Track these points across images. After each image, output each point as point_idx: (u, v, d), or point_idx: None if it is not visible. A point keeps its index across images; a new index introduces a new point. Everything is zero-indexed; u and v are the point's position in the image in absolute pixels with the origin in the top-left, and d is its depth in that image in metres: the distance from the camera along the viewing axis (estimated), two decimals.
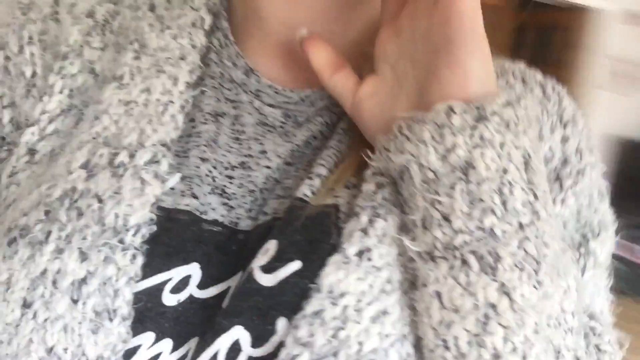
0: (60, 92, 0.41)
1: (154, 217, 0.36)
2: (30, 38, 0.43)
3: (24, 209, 0.36)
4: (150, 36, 0.43)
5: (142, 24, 0.44)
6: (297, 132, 0.43)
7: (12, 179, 0.39)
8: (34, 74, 0.42)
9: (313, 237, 0.36)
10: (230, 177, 0.41)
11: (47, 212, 0.35)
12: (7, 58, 0.43)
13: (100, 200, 0.36)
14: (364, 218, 0.35)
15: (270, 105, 0.43)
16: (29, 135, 0.40)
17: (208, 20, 0.45)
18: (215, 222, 0.39)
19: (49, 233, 0.34)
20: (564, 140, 0.44)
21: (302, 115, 0.44)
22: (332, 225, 0.37)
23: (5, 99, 0.42)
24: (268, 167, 0.41)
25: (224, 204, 0.40)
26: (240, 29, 0.46)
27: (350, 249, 0.34)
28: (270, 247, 0.36)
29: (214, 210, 0.39)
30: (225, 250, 0.38)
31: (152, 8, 0.46)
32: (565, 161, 0.44)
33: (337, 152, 0.41)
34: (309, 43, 0.40)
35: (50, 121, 0.40)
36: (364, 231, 0.35)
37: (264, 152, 0.42)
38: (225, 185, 0.41)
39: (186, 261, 0.37)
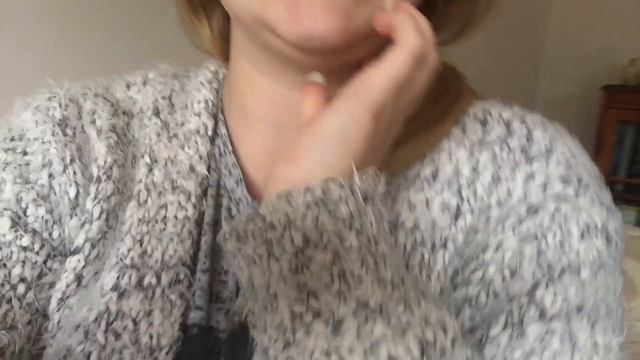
0: (99, 218, 0.42)
1: (181, 335, 0.39)
2: (72, 158, 0.44)
3: (69, 331, 0.39)
4: (159, 147, 0.45)
5: (150, 132, 0.46)
6: None
7: (64, 304, 0.41)
8: (77, 195, 0.43)
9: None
10: (224, 282, 0.43)
11: (85, 334, 0.38)
12: (51, 176, 0.44)
13: (134, 322, 0.38)
14: None
15: None
16: (76, 262, 0.41)
17: (210, 126, 0.47)
18: (217, 330, 0.41)
19: (89, 354, 0.37)
20: (529, 177, 0.41)
21: None
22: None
23: (54, 215, 0.43)
24: (235, 274, 0.43)
25: (219, 309, 0.42)
26: (233, 129, 0.48)
27: None
28: None
29: (212, 317, 0.42)
30: (230, 355, 0.40)
31: (156, 113, 0.48)
32: (522, 199, 0.41)
33: None
34: (311, 88, 0.40)
35: (93, 247, 0.41)
36: None
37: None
38: (219, 291, 0.43)
39: None
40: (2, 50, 1.08)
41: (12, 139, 0.45)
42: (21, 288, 0.40)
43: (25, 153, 0.45)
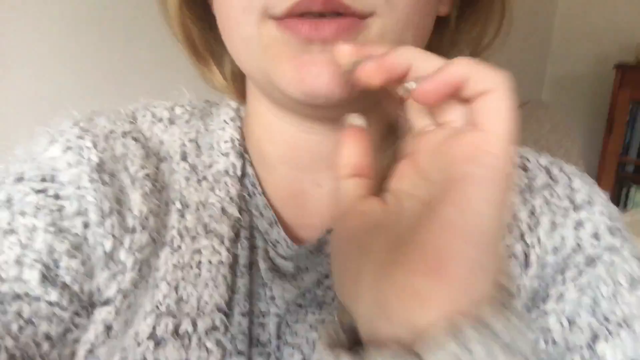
0: (133, 269, 0.40)
1: None
2: (110, 209, 0.41)
3: None
4: (189, 191, 0.44)
5: (180, 178, 0.45)
6: (305, 276, 0.44)
7: (92, 355, 0.39)
8: (113, 249, 0.41)
9: None
10: (263, 325, 0.42)
11: None
12: (86, 226, 0.41)
13: None
14: None
15: (283, 257, 0.44)
16: (106, 314, 0.39)
17: (239, 166, 0.46)
18: None
19: None
20: (579, 225, 0.42)
21: (311, 263, 0.44)
22: None
23: (86, 267, 0.41)
24: (277, 315, 0.42)
25: (261, 353, 0.41)
26: (256, 169, 0.47)
27: None
28: None
29: None
30: None
31: (184, 157, 0.46)
32: (576, 248, 0.42)
33: None
34: (351, 132, 0.36)
35: (125, 298, 0.40)
36: None
37: (272, 297, 0.43)
38: (259, 334, 0.42)
39: None
40: (9, 51, 1.04)
41: (44, 179, 0.42)
42: (46, 346, 0.38)
43: (57, 197, 0.42)
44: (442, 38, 0.48)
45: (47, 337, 0.38)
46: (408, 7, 0.37)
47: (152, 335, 0.38)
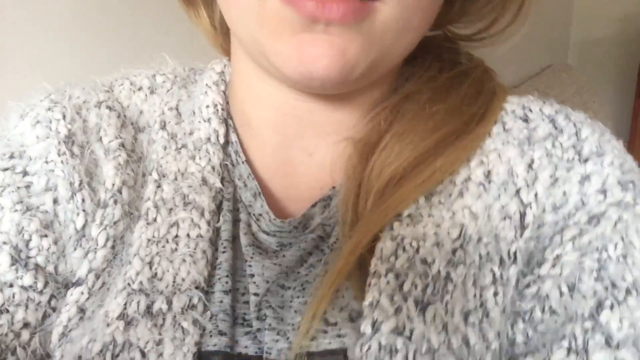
0: (104, 246, 0.38)
1: None
2: (80, 183, 0.39)
3: None
4: (166, 160, 0.42)
5: (158, 147, 0.43)
6: (286, 253, 0.41)
7: (65, 338, 0.37)
8: (84, 225, 0.39)
9: None
10: (247, 303, 0.39)
11: None
12: (56, 202, 0.39)
13: (142, 354, 0.34)
14: None
15: (266, 232, 0.42)
16: (78, 295, 0.37)
17: (222, 133, 0.43)
18: (242, 356, 0.37)
19: None
20: (584, 179, 0.38)
21: (295, 240, 0.41)
22: None
23: (59, 246, 0.39)
24: (255, 294, 0.39)
25: (247, 333, 0.38)
26: (240, 136, 0.45)
27: None
28: None
29: (238, 342, 0.37)
30: None
31: (163, 126, 0.44)
32: (579, 205, 0.37)
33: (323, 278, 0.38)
34: None
35: (97, 277, 0.38)
36: None
37: (251, 275, 0.40)
38: (244, 313, 0.39)
39: None
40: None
41: (12, 156, 0.40)
42: (25, 335, 0.36)
43: (25, 173, 0.40)
44: (452, 5, 0.45)
45: (26, 324, 0.36)
46: None
47: (122, 315, 0.35)
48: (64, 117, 0.41)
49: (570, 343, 0.34)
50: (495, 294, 0.36)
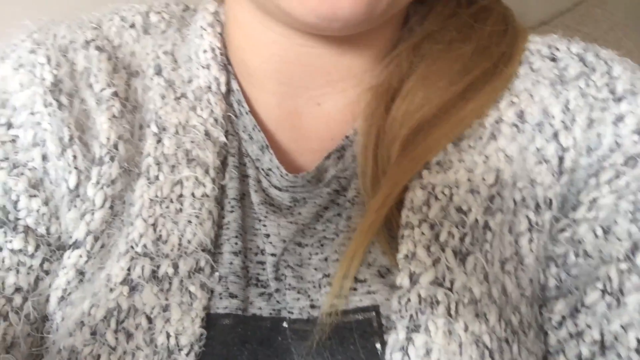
0: (102, 206, 0.36)
1: (205, 332, 0.34)
2: (70, 137, 0.37)
3: (70, 328, 0.34)
4: (165, 111, 0.39)
5: (154, 95, 0.40)
6: (302, 210, 0.39)
7: (65, 301, 0.36)
8: (77, 185, 0.37)
9: (359, 358, 0.33)
10: (262, 263, 0.38)
11: (93, 334, 0.33)
12: (45, 158, 0.37)
13: (149, 320, 0.33)
14: (401, 333, 0.32)
15: (277, 188, 0.40)
16: (76, 258, 0.36)
17: (223, 81, 0.41)
18: (256, 318, 0.36)
19: (98, 357, 0.33)
20: (618, 119, 0.36)
21: (309, 195, 0.40)
22: (376, 338, 0.33)
23: (50, 207, 0.37)
24: (273, 255, 0.38)
25: (261, 294, 0.37)
26: (242, 86, 0.42)
27: None
28: None
29: (252, 303, 0.36)
30: (270, 343, 0.35)
31: (158, 71, 0.41)
32: (614, 147, 0.36)
33: (351, 234, 0.36)
34: None
35: (96, 240, 0.36)
36: (404, 351, 0.31)
37: (267, 235, 0.38)
38: (258, 274, 0.38)
39: None
40: None
41: None
42: (18, 299, 0.35)
43: (10, 125, 0.37)
44: None
45: (18, 289, 0.35)
46: None
47: (126, 280, 0.34)
48: (49, 60, 0.38)
49: (605, 285, 0.34)
50: (530, 240, 0.36)
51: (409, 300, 0.33)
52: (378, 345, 0.33)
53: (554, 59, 0.40)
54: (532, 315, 0.36)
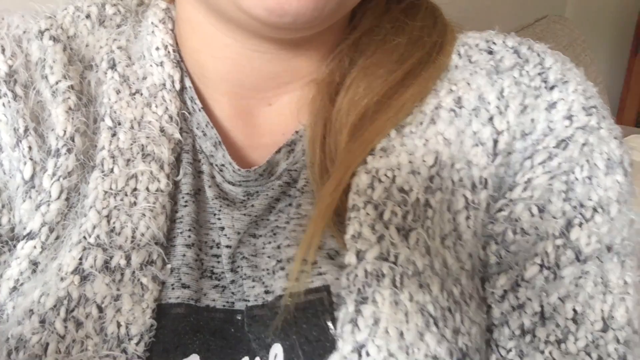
0: (58, 198, 0.36)
1: (155, 323, 0.35)
2: (26, 128, 0.37)
3: (19, 316, 0.34)
4: (120, 106, 0.39)
5: (108, 89, 0.40)
6: (255, 202, 0.40)
7: (17, 291, 0.36)
8: (32, 176, 0.37)
9: (313, 336, 0.34)
10: (217, 256, 0.39)
11: (42, 322, 0.33)
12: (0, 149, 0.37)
13: (99, 309, 0.34)
14: (350, 307, 0.33)
15: (231, 183, 0.41)
16: (30, 249, 0.36)
17: (177, 78, 0.41)
18: (209, 309, 0.37)
19: (46, 346, 0.32)
20: (551, 106, 0.39)
21: (261, 188, 0.41)
22: (327, 315, 0.34)
23: (3, 198, 0.37)
24: (228, 247, 0.38)
25: (215, 286, 0.38)
26: (196, 84, 0.43)
27: (345, 347, 0.32)
28: (278, 352, 0.34)
29: (206, 295, 0.37)
30: (223, 335, 0.36)
31: (112, 65, 0.41)
32: (547, 131, 0.38)
33: (301, 220, 0.38)
34: None
35: (51, 231, 0.36)
36: (354, 323, 0.32)
37: (222, 228, 0.39)
38: (213, 266, 0.38)
39: (185, 354, 0.35)
40: None
41: None
42: None
43: None
44: None
45: None
46: None
47: (77, 270, 0.34)
48: (3, 51, 0.38)
49: (543, 259, 0.36)
50: (467, 217, 0.38)
51: (356, 275, 0.33)
52: (329, 323, 0.34)
53: (490, 52, 0.42)
54: (472, 287, 0.38)
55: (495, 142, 0.39)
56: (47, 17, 0.41)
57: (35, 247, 0.36)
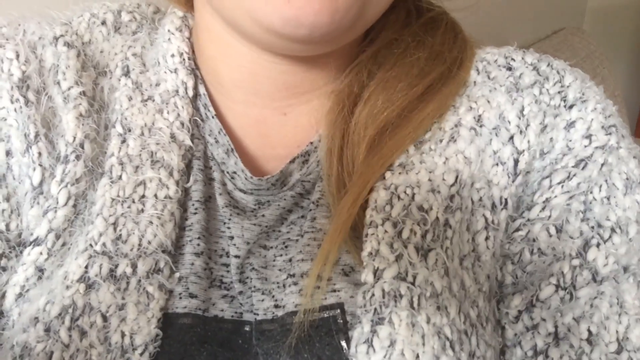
0: (66, 204, 0.36)
1: (160, 333, 0.34)
2: (36, 134, 0.37)
3: (24, 323, 0.34)
4: (131, 112, 0.39)
5: (121, 96, 0.40)
6: (265, 212, 0.40)
7: (23, 298, 0.36)
8: (41, 182, 0.36)
9: (325, 355, 0.33)
10: (227, 265, 0.38)
11: (47, 331, 0.33)
12: (9, 154, 0.37)
13: (104, 318, 0.33)
14: (366, 327, 0.32)
15: (242, 191, 0.40)
16: (37, 255, 0.36)
17: (190, 85, 0.41)
18: (218, 319, 0.36)
19: (51, 354, 0.32)
20: (570, 125, 0.39)
21: (273, 198, 0.40)
22: (341, 335, 0.34)
23: (12, 203, 0.37)
24: (236, 257, 0.38)
25: (224, 296, 0.37)
26: (209, 89, 0.42)
27: None
28: None
29: (215, 305, 0.37)
30: (230, 346, 0.36)
31: (126, 72, 0.41)
32: (566, 150, 0.38)
33: (315, 234, 0.37)
34: None
35: (58, 238, 0.36)
36: (369, 343, 0.32)
37: (231, 237, 0.39)
38: (222, 275, 0.38)
39: None
40: None
41: None
42: None
43: None
44: None
45: None
46: None
47: (83, 278, 0.34)
48: (18, 56, 0.38)
49: (559, 280, 0.36)
50: (487, 238, 0.37)
51: (373, 294, 0.33)
52: (343, 343, 0.33)
53: (509, 68, 0.42)
54: (489, 310, 0.37)
55: (516, 161, 0.38)
56: (62, 24, 0.42)
57: (41, 253, 0.35)
